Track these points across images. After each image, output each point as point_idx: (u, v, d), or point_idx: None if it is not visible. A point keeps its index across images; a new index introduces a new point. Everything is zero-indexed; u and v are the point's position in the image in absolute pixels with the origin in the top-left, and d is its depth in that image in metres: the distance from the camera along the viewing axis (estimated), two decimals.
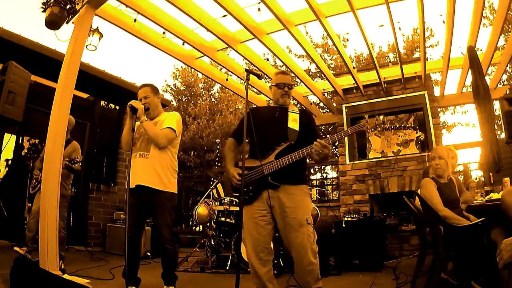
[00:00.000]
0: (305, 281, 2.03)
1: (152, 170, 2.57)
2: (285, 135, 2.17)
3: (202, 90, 13.58)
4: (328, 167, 10.72)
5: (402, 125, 5.96)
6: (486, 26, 8.17)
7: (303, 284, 2.07)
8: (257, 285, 2.09)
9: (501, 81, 7.24)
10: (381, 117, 2.14)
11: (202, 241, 4.98)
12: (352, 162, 5.89)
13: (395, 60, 8.37)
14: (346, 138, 6.02)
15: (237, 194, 2.26)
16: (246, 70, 2.11)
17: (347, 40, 9.94)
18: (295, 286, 2.75)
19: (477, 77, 3.78)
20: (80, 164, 3.41)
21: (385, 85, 5.76)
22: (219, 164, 10.01)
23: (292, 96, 5.74)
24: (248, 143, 2.33)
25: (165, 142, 2.59)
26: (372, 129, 2.18)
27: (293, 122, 2.23)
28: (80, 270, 3.46)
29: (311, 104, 6.63)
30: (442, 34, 4.22)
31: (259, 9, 3.48)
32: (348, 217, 4.44)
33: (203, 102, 12.79)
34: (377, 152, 5.91)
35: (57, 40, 3.22)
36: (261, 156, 2.12)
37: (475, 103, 3.85)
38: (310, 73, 10.61)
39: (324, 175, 10.96)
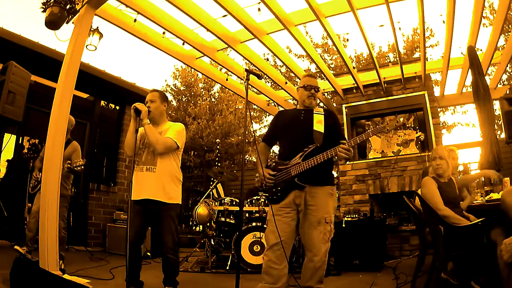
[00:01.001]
0: (309, 279, 2.08)
1: (160, 184, 2.56)
2: (311, 137, 2.24)
3: (202, 90, 13.58)
4: None
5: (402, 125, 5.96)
6: (486, 26, 8.18)
7: (305, 284, 2.08)
8: (268, 281, 2.09)
9: (501, 81, 7.25)
10: (401, 119, 2.18)
11: (202, 241, 4.98)
12: (352, 162, 5.89)
13: (395, 60, 8.37)
14: (346, 138, 6.02)
15: (267, 194, 2.36)
16: (246, 70, 2.14)
17: (347, 40, 9.94)
18: (295, 286, 2.75)
19: (477, 77, 3.79)
20: (83, 167, 3.40)
21: (385, 85, 5.76)
22: (219, 164, 10.01)
23: (292, 96, 5.80)
24: (277, 145, 2.52)
25: (163, 149, 2.56)
26: (393, 130, 2.23)
27: (318, 124, 2.31)
28: (80, 270, 3.46)
29: None
30: (442, 34, 4.22)
31: (259, 9, 3.48)
32: (348, 217, 4.44)
33: (203, 102, 12.80)
34: (377, 152, 5.91)
35: (57, 40, 3.22)
36: (288, 158, 2.24)
37: (475, 103, 3.85)
38: (310, 73, 10.60)
39: None
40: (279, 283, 2.07)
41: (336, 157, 2.16)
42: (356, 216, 4.49)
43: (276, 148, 3.28)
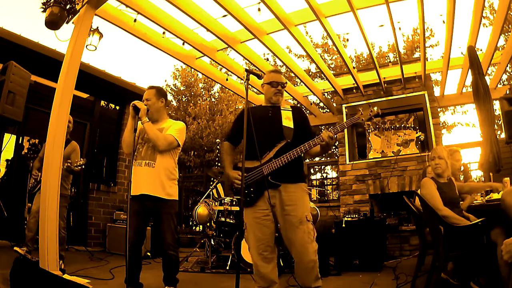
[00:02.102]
0: (305, 280, 2.03)
1: (158, 179, 2.56)
2: (281, 133, 2.18)
3: (202, 90, 13.58)
4: (328, 167, 10.72)
5: (402, 125, 5.96)
6: (486, 26, 8.18)
7: (302, 284, 2.07)
8: (262, 284, 2.09)
9: (501, 81, 7.24)
10: (375, 108, 2.14)
11: (202, 241, 4.98)
12: (352, 162, 5.89)
13: (395, 60, 8.37)
14: (346, 138, 6.03)
15: (239, 196, 2.27)
16: (246, 70, 2.11)
17: (347, 40, 9.95)
18: (295, 286, 2.75)
19: (477, 77, 3.78)
20: (83, 166, 3.40)
21: (385, 85, 5.76)
22: (219, 164, 10.01)
23: (292, 96, 5.80)
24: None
25: (165, 146, 2.56)
26: (368, 120, 2.18)
27: (287, 120, 2.25)
28: (80, 270, 3.46)
29: (311, 104, 6.63)
30: (442, 34, 4.23)
31: (259, 9, 3.48)
32: (348, 217, 4.44)
33: (203, 102, 12.80)
34: (377, 152, 5.91)
35: (57, 40, 3.23)
36: (260, 156, 2.13)
37: (475, 103, 3.85)
38: (310, 73, 10.61)
39: (324, 175, 10.96)
40: (272, 285, 2.07)
41: (308, 152, 2.12)
42: (356, 216, 4.49)
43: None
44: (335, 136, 2.09)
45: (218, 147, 10.65)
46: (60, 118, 2.84)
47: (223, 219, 4.35)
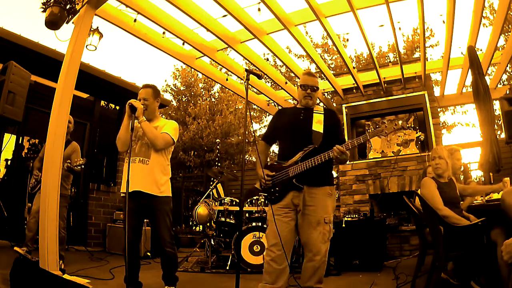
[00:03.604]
0: (309, 279, 2.07)
1: (151, 176, 2.58)
2: (310, 138, 2.22)
3: (202, 90, 13.58)
4: None
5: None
6: (486, 26, 8.19)
7: (304, 283, 2.08)
8: (269, 281, 2.09)
9: (501, 81, 7.25)
10: (400, 122, 2.17)
11: (202, 241, 4.98)
12: (352, 162, 5.89)
13: (395, 60, 8.37)
14: (346, 138, 6.03)
15: (265, 194, 2.34)
16: (246, 70, 2.13)
17: (347, 40, 9.96)
18: (295, 286, 2.75)
19: (477, 77, 3.78)
20: (83, 166, 3.40)
21: (385, 85, 5.76)
22: (219, 164, 10.01)
23: (292, 96, 5.80)
24: (277, 145, 2.50)
25: (163, 145, 2.60)
26: (392, 133, 2.18)
27: (318, 124, 2.28)
28: (80, 270, 3.46)
29: None
30: (442, 34, 4.23)
31: (259, 9, 3.48)
32: (348, 217, 4.44)
33: (203, 102, 12.80)
34: (377, 152, 5.91)
35: (57, 40, 3.22)
36: (288, 158, 2.22)
37: (475, 103, 3.85)
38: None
39: None
40: (279, 283, 2.07)
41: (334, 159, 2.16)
42: (356, 216, 4.49)
43: (276, 148, 3.28)
44: (347, 151, 2.08)
45: (218, 147, 10.65)
46: (60, 118, 2.84)
47: (223, 219, 4.35)
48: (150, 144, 2.60)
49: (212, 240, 4.36)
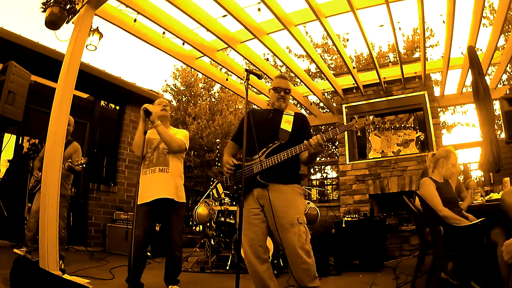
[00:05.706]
0: (301, 280, 2.03)
1: (173, 182, 2.70)
2: (276, 135, 2.20)
3: (202, 90, 13.57)
4: (328, 167, 10.72)
5: (402, 125, 5.96)
6: (486, 26, 8.18)
7: (300, 283, 2.07)
8: (258, 284, 2.09)
9: (501, 81, 7.24)
10: (371, 117, 2.15)
11: (202, 241, 4.98)
12: (352, 162, 5.89)
13: (395, 60, 8.37)
14: (346, 138, 6.03)
15: (228, 192, 2.33)
16: (246, 70, 2.11)
17: (347, 40, 9.95)
18: (295, 286, 2.75)
19: (477, 77, 3.78)
20: (83, 166, 3.41)
21: (385, 85, 5.76)
22: (219, 164, 10.01)
23: (292, 96, 5.79)
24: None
25: (177, 147, 2.72)
26: (361, 129, 2.16)
27: (286, 124, 2.26)
28: (80, 270, 3.46)
29: (311, 104, 6.63)
30: (442, 34, 4.22)
31: (259, 9, 3.48)
32: (348, 217, 4.44)
33: (203, 102, 12.79)
34: (377, 152, 5.91)
35: (57, 40, 3.23)
36: (253, 155, 2.16)
37: (475, 103, 3.85)
38: (310, 73, 10.61)
39: (324, 175, 10.95)
40: (271, 284, 2.07)
41: (300, 157, 2.11)
42: (356, 216, 4.49)
43: None
44: (324, 142, 2.03)
45: (218, 147, 10.65)
46: (60, 118, 2.84)
47: (223, 219, 4.35)
48: (165, 151, 2.72)
49: (212, 240, 4.36)
